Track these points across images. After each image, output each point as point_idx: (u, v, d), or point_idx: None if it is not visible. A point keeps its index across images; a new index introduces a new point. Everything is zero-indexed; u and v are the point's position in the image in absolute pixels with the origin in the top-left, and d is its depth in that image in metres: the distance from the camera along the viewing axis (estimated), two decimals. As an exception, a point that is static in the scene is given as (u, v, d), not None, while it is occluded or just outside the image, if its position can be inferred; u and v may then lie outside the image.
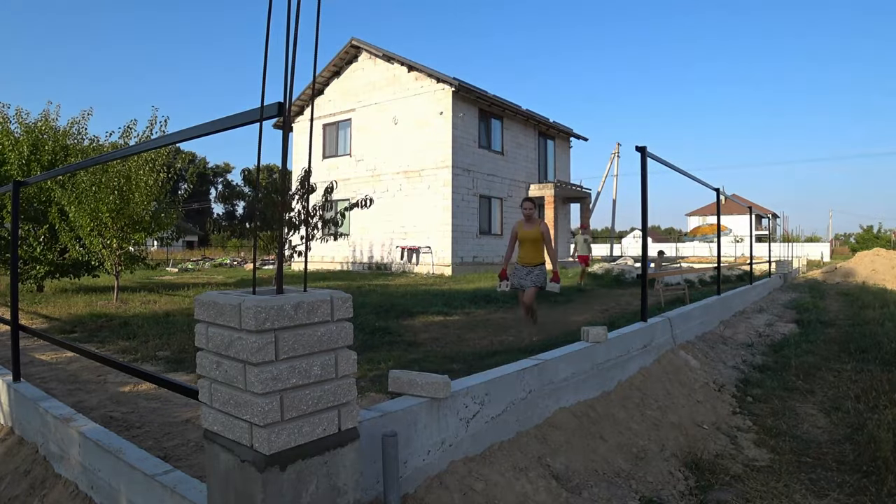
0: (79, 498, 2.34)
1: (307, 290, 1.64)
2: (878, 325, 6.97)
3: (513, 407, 2.69)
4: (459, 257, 18.03)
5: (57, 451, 2.60)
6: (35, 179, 3.99)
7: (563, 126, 23.70)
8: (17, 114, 11.75)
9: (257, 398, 1.41)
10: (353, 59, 20.38)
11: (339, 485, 1.59)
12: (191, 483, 1.88)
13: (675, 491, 2.75)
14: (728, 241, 38.25)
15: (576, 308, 9.58)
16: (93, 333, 6.66)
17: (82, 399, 3.95)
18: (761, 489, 2.78)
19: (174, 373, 4.69)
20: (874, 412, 3.71)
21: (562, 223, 23.38)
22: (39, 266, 11.10)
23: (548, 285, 6.01)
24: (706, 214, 59.51)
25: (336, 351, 1.58)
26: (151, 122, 11.11)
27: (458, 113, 18.05)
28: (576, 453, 2.79)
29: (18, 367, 3.29)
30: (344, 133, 20.80)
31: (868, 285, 14.07)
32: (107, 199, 9.59)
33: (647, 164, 4.53)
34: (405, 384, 2.24)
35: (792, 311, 9.09)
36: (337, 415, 1.58)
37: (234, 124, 1.88)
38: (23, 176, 10.91)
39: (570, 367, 3.19)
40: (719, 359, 5.26)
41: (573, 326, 7.04)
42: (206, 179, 64.48)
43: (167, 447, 3.01)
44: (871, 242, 43.70)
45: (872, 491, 2.72)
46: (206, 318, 1.55)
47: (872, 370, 4.84)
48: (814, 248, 42.17)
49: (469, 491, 2.20)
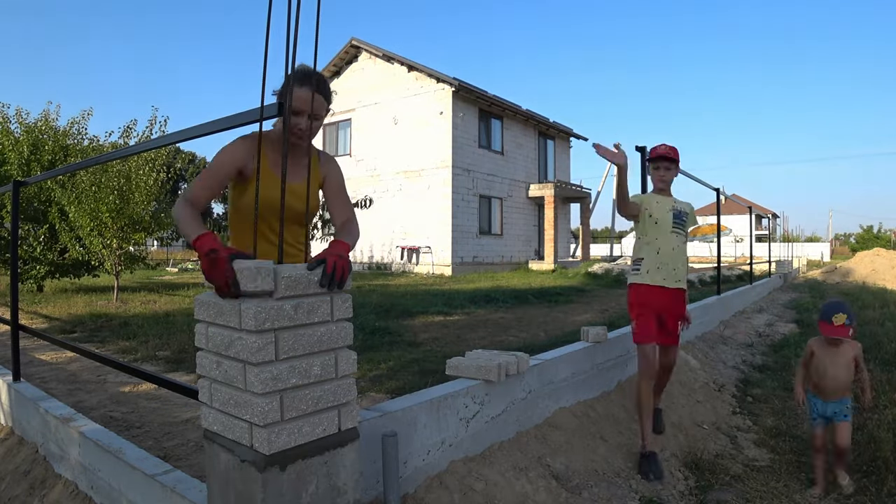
0: (79, 498, 2.34)
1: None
2: (878, 325, 6.97)
3: (513, 407, 2.69)
4: (459, 257, 18.02)
5: (57, 451, 2.60)
6: (35, 179, 3.99)
7: (563, 126, 23.69)
8: (17, 114, 11.75)
9: (257, 398, 1.41)
10: (353, 59, 20.37)
11: (339, 485, 1.59)
12: (191, 483, 1.88)
13: (675, 491, 2.75)
14: (728, 241, 38.24)
15: (576, 308, 9.58)
16: (93, 333, 6.66)
17: (82, 399, 3.95)
18: (761, 489, 2.78)
19: (174, 373, 4.69)
20: (874, 412, 3.71)
21: (562, 223, 23.38)
22: (39, 266, 11.10)
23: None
24: (706, 214, 59.42)
25: (336, 351, 1.58)
26: (151, 122, 11.13)
27: (458, 113, 18.05)
28: (576, 453, 2.79)
29: (18, 367, 3.29)
30: (344, 133, 20.80)
31: (868, 285, 14.07)
32: (107, 198, 9.58)
33: (647, 164, 4.53)
34: (462, 369, 2.54)
35: (792, 311, 9.09)
36: (337, 415, 1.58)
37: (234, 124, 1.88)
38: (23, 176, 10.91)
39: (570, 367, 3.19)
40: (719, 359, 5.26)
41: (573, 326, 7.05)
42: (206, 179, 64.47)
43: (167, 447, 3.01)
44: (871, 242, 43.72)
45: (872, 491, 2.72)
46: (206, 318, 1.55)
47: (872, 370, 4.84)
48: (814, 248, 42.16)
49: (469, 491, 2.20)
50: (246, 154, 1.86)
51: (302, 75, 1.81)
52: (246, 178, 1.88)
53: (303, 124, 1.84)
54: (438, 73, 17.88)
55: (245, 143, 1.88)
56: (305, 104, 1.80)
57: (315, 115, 1.86)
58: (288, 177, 1.72)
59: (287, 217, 1.78)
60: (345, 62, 20.50)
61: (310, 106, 1.82)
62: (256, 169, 1.70)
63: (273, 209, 1.81)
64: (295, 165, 1.89)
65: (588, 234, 24.24)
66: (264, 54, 1.51)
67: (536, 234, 22.30)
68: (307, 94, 1.79)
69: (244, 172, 1.87)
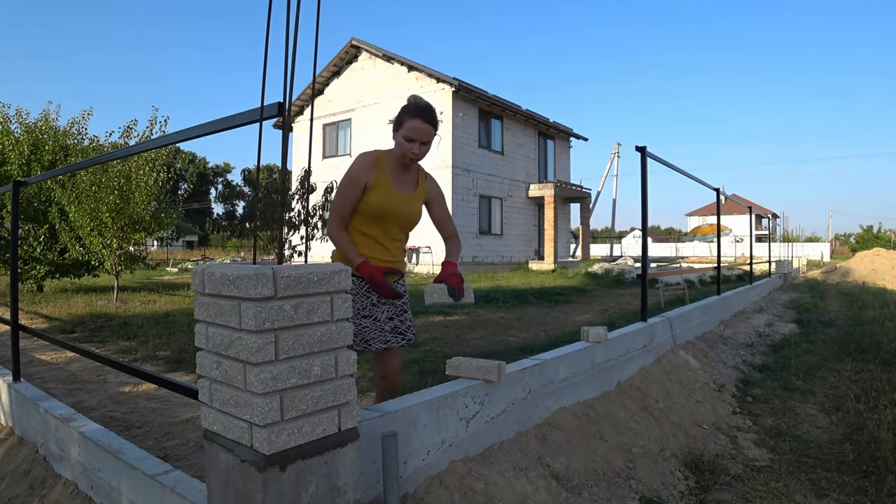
0: (79, 498, 2.34)
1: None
2: (878, 325, 6.97)
3: (513, 407, 2.69)
4: (459, 257, 18.02)
5: (57, 451, 2.60)
6: (35, 179, 3.99)
7: (563, 126, 23.69)
8: (17, 114, 11.76)
9: (257, 398, 1.41)
10: (353, 59, 20.38)
11: (339, 485, 1.59)
12: (191, 483, 1.88)
13: (675, 491, 2.75)
14: (728, 241, 38.26)
15: (576, 308, 9.58)
16: (93, 333, 6.66)
17: (82, 399, 3.95)
18: (761, 489, 2.78)
19: (174, 373, 4.69)
20: (874, 412, 3.71)
21: (562, 223, 23.38)
22: (39, 266, 11.10)
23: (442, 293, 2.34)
24: (706, 214, 59.52)
25: (336, 351, 1.58)
26: (151, 122, 11.13)
27: (458, 113, 18.05)
28: (576, 453, 2.79)
29: (18, 367, 3.29)
30: (344, 133, 20.80)
31: (868, 285, 14.07)
32: (107, 198, 9.59)
33: (647, 164, 4.53)
34: (462, 369, 2.52)
35: (792, 311, 9.09)
36: (337, 415, 1.58)
37: (234, 124, 1.88)
38: (23, 176, 10.91)
39: (570, 367, 3.19)
40: (719, 359, 5.26)
41: (573, 326, 7.05)
42: (206, 179, 64.47)
43: (167, 447, 3.02)
44: (870, 242, 43.75)
45: (872, 491, 2.72)
46: (206, 317, 1.55)
47: (872, 370, 4.84)
48: (814, 248, 42.17)
49: (469, 491, 2.20)
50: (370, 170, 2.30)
51: (415, 108, 2.24)
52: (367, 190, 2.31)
53: (416, 149, 2.26)
54: (438, 73, 17.88)
55: (368, 159, 2.34)
56: (419, 134, 2.23)
57: (426, 142, 2.27)
58: (400, 189, 2.34)
59: (398, 221, 2.35)
60: (345, 62, 20.50)
61: (422, 135, 2.24)
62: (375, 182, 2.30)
63: (392, 217, 2.32)
64: (406, 181, 2.38)
65: (588, 234, 24.25)
66: (264, 54, 1.51)
67: (536, 234, 22.31)
68: (421, 125, 2.22)
69: (367, 185, 2.29)
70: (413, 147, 2.25)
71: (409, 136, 2.23)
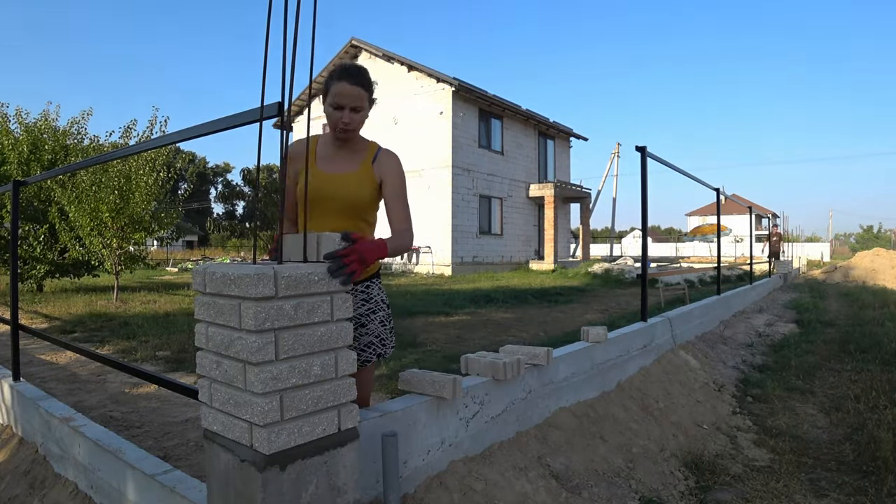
0: (78, 498, 2.34)
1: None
2: (878, 325, 6.97)
3: (512, 407, 2.69)
4: (459, 257, 18.03)
5: (57, 450, 2.60)
6: (35, 179, 3.99)
7: (563, 126, 23.69)
8: (16, 113, 11.76)
9: (257, 398, 1.41)
10: (353, 58, 20.36)
11: (339, 485, 1.59)
12: (190, 483, 1.88)
13: (675, 491, 2.75)
14: (728, 241, 38.24)
15: (576, 308, 9.58)
16: (93, 333, 6.66)
17: (82, 399, 3.95)
18: (761, 489, 2.78)
19: (174, 373, 4.69)
20: (874, 412, 3.71)
21: (562, 223, 23.38)
22: (39, 266, 11.10)
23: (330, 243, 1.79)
24: (706, 214, 59.46)
25: (336, 351, 1.58)
26: (151, 122, 11.13)
27: (458, 113, 18.05)
28: (576, 453, 2.79)
29: (18, 367, 3.29)
30: (344, 133, 20.79)
31: (868, 285, 14.07)
32: (107, 198, 9.59)
33: (647, 163, 4.53)
34: (414, 383, 2.29)
35: (792, 311, 9.09)
36: (337, 415, 1.58)
37: (234, 124, 1.88)
38: (23, 176, 10.91)
39: (570, 367, 3.19)
40: (719, 359, 5.26)
41: (573, 326, 7.05)
42: (206, 179, 64.41)
43: (167, 447, 3.02)
44: (871, 242, 43.75)
45: (872, 491, 2.72)
46: (206, 317, 1.55)
47: (872, 370, 4.84)
48: (814, 248, 42.12)
49: (469, 491, 2.20)
50: (300, 155, 2.00)
51: (339, 70, 1.93)
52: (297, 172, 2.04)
53: (346, 117, 1.92)
54: (438, 72, 17.88)
55: (298, 144, 2.04)
56: (347, 99, 1.90)
57: (357, 107, 1.93)
58: (338, 167, 2.00)
59: (335, 207, 1.98)
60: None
61: (349, 99, 1.90)
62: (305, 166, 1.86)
63: (322, 201, 1.97)
64: (346, 159, 2.04)
65: (588, 234, 24.24)
66: (264, 54, 1.51)
67: (536, 234, 22.30)
68: (348, 88, 1.89)
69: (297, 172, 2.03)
70: (343, 115, 1.91)
71: (336, 102, 1.90)
